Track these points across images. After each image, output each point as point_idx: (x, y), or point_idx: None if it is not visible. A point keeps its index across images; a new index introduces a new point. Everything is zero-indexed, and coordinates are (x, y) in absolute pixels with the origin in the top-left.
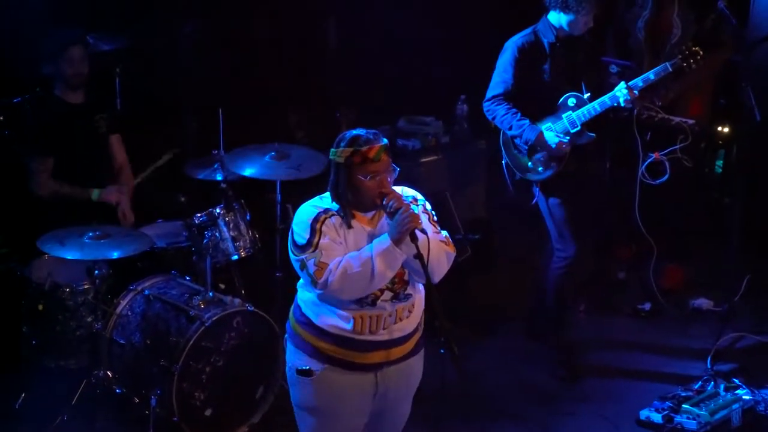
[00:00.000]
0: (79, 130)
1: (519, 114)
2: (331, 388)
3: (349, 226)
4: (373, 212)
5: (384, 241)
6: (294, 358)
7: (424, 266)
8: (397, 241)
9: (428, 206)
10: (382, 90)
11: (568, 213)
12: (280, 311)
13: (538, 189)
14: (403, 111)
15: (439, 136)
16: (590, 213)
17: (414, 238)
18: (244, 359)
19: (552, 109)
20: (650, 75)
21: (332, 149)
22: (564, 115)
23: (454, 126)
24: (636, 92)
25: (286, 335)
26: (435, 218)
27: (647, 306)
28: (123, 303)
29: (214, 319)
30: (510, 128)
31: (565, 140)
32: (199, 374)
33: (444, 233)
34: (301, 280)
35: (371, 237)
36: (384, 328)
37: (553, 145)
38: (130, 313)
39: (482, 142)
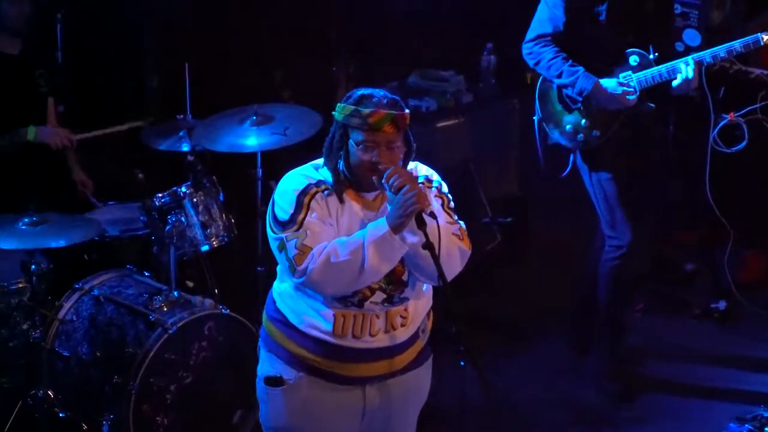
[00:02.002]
0: (16, 87)
1: (570, 60)
2: (307, 404)
3: (341, 201)
4: (374, 194)
5: (380, 226)
6: (265, 366)
7: (436, 259)
8: (396, 228)
9: (444, 188)
10: (388, 37)
11: (620, 190)
12: (261, 313)
13: (579, 159)
14: (415, 63)
15: (459, 95)
16: (649, 190)
17: (421, 224)
18: (218, 375)
19: (605, 66)
20: (736, 45)
21: (339, 104)
22: (622, 75)
23: (478, 82)
24: (704, 70)
25: (259, 339)
26: (451, 205)
27: (721, 305)
28: (67, 306)
29: (180, 324)
30: (559, 75)
31: (631, 90)
32: (161, 394)
33: (461, 224)
34: (280, 266)
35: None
36: (372, 335)
37: (618, 93)
38: (75, 319)
39: (514, 101)
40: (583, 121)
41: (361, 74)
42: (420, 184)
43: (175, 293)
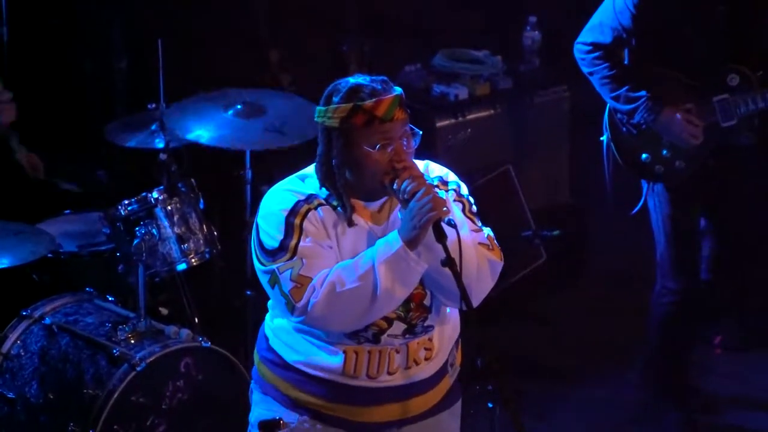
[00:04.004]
0: None
1: (634, 80)
2: None
3: (350, 224)
4: (380, 202)
5: (392, 242)
6: (259, 410)
7: (458, 278)
8: (411, 242)
9: (463, 190)
10: (409, 10)
11: (691, 230)
12: (251, 347)
13: (652, 187)
14: (443, 41)
15: (497, 80)
16: (741, 224)
17: (441, 235)
18: (197, 422)
19: (692, 87)
20: None
21: (320, 107)
22: (715, 101)
23: (519, 64)
24: None
25: (252, 381)
26: (474, 209)
27: None
28: (12, 337)
29: (150, 360)
30: (617, 98)
31: (696, 130)
32: None
33: (487, 231)
34: (272, 301)
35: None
36: (390, 373)
37: (682, 133)
38: (22, 353)
39: (563, 88)
40: (664, 150)
41: (376, 54)
42: (434, 187)
43: (145, 322)
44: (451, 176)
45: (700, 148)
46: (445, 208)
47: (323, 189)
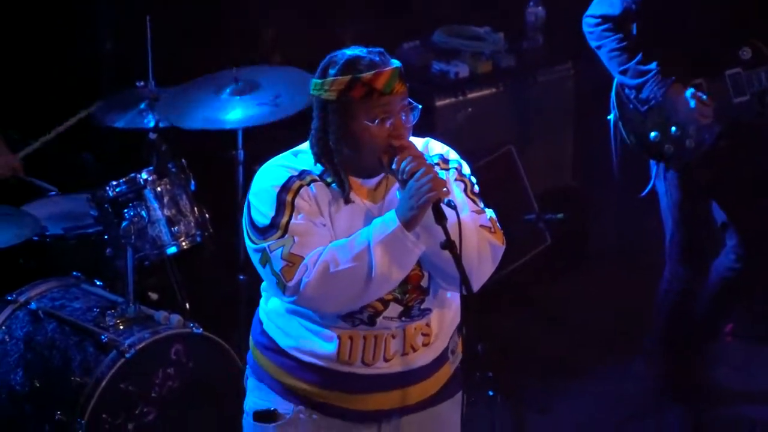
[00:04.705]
0: None
1: (641, 52)
2: None
3: (347, 201)
4: (377, 179)
5: (388, 221)
6: (254, 398)
7: (458, 262)
8: (408, 222)
9: (465, 169)
10: None
11: (694, 221)
12: (244, 334)
13: (662, 171)
14: (442, 18)
15: (499, 57)
16: (750, 216)
17: (440, 217)
18: (188, 410)
19: (704, 61)
20: None
21: (315, 80)
22: (728, 74)
23: (522, 41)
24: None
25: (247, 368)
26: (476, 190)
27: None
28: None
29: (140, 347)
30: (625, 72)
31: (707, 111)
32: None
33: (490, 213)
34: (265, 282)
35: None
36: (386, 360)
37: (692, 106)
38: (7, 339)
39: (568, 65)
40: (673, 128)
41: (372, 32)
42: (435, 166)
43: (134, 307)
44: (453, 154)
45: (710, 126)
46: (445, 189)
47: (318, 165)
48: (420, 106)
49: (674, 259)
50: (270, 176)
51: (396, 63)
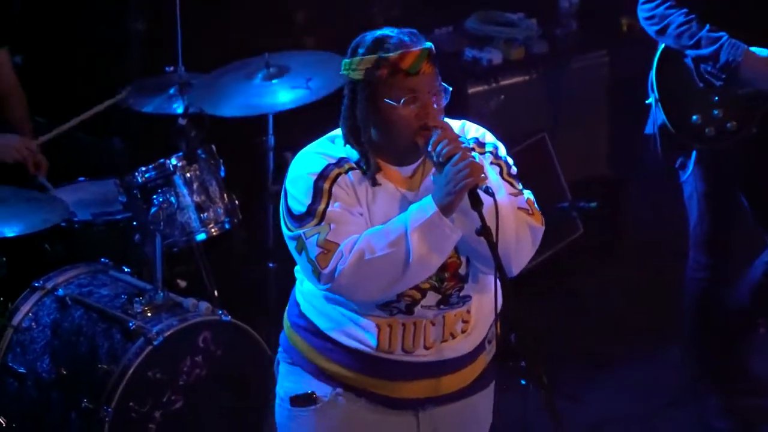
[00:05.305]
0: None
1: (709, 25)
2: (347, 428)
3: (374, 184)
4: (414, 166)
5: (425, 207)
6: (288, 383)
7: (494, 248)
8: (446, 208)
9: (501, 151)
10: None
11: (719, 213)
12: (273, 322)
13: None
14: (475, 4)
15: (532, 44)
16: None
17: (476, 203)
18: (216, 399)
19: (760, 34)
20: None
21: (345, 60)
22: None
23: (556, 27)
24: None
25: (279, 351)
26: (513, 171)
27: None
28: (23, 309)
29: (168, 334)
30: (697, 44)
31: None
32: (143, 422)
33: (527, 194)
34: (299, 267)
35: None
36: (427, 347)
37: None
38: (34, 326)
39: (601, 52)
40: (715, 110)
41: (405, 17)
42: (471, 150)
43: (162, 294)
44: (489, 137)
45: (753, 108)
46: (483, 175)
47: (354, 151)
48: (450, 89)
49: (698, 248)
50: (307, 163)
51: (427, 44)
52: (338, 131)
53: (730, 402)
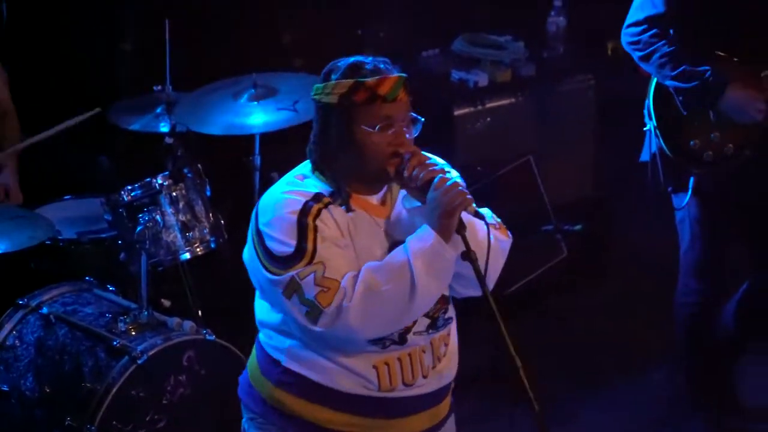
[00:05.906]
0: None
1: (693, 55)
2: None
3: (349, 210)
4: (381, 195)
5: (425, 236)
6: None
7: (478, 271)
8: (443, 233)
9: (460, 182)
10: None
11: (710, 240)
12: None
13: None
14: (463, 26)
15: (519, 66)
16: None
17: (461, 227)
18: (200, 418)
19: (740, 63)
20: None
21: (317, 85)
22: (763, 75)
23: (543, 50)
24: None
25: (249, 419)
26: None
27: None
28: (7, 327)
29: (152, 353)
30: (681, 75)
31: (761, 102)
32: None
33: (488, 212)
34: (260, 305)
35: (385, 236)
36: (425, 376)
37: (747, 107)
38: (18, 344)
39: (588, 76)
40: (713, 134)
41: (393, 38)
42: (445, 171)
43: (146, 313)
44: (447, 166)
45: (751, 131)
46: (469, 196)
47: (326, 186)
48: (423, 120)
49: (688, 272)
50: (283, 204)
51: (402, 73)
52: (297, 170)
53: (715, 422)
